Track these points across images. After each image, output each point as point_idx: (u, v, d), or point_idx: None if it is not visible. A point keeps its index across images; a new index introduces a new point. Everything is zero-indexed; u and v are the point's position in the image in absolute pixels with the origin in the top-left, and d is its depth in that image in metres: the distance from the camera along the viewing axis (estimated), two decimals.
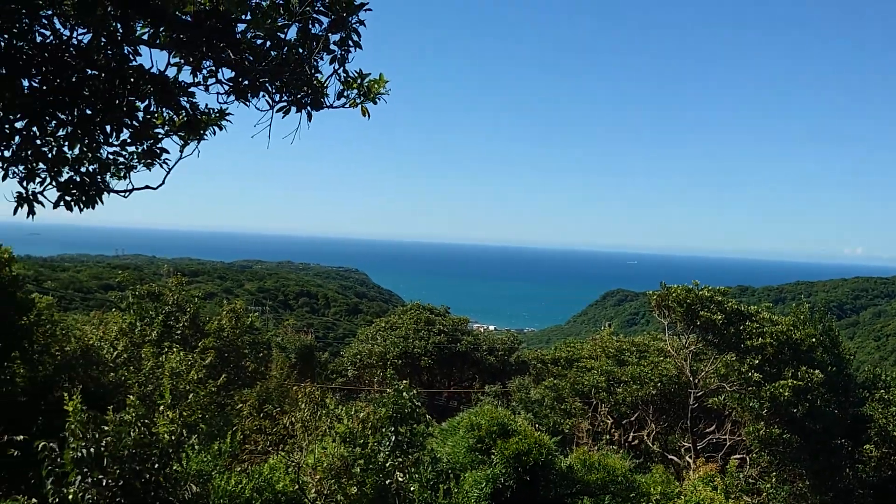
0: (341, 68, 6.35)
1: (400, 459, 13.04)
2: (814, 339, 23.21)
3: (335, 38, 6.17)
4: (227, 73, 6.37)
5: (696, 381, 24.38)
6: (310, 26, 6.06)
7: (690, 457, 24.43)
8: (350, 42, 6.20)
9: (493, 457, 15.75)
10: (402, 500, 13.11)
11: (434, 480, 14.60)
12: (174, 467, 10.33)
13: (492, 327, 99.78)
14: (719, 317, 23.00)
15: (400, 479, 12.97)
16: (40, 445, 9.59)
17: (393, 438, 13.06)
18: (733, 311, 23.68)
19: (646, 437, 27.09)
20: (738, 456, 23.41)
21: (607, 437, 27.27)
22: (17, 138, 6.27)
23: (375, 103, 6.51)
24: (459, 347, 39.43)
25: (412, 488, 13.55)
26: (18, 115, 6.12)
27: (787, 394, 21.08)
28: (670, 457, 25.93)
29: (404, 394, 13.34)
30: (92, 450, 9.40)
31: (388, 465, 12.81)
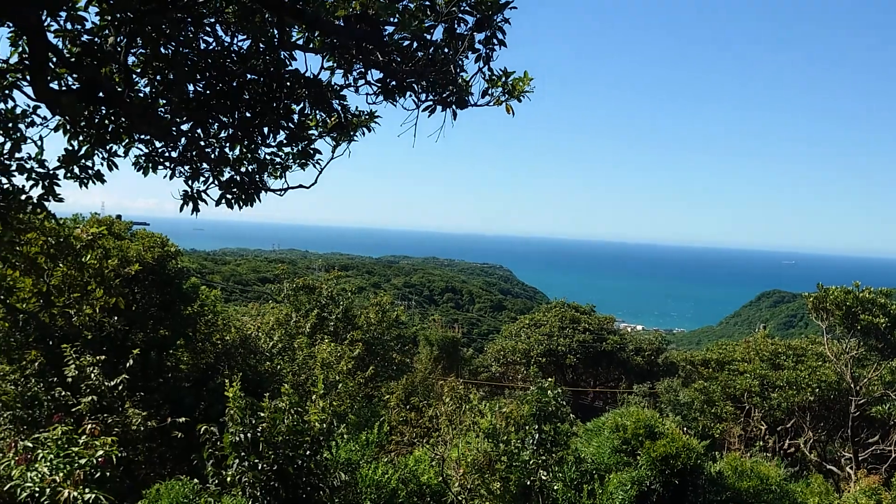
0: (486, 66, 6.38)
1: (543, 458, 13.01)
2: None
3: (480, 36, 6.21)
4: (375, 75, 6.54)
5: (858, 387, 23.08)
6: (455, 26, 6.12)
7: (851, 468, 23.15)
8: (495, 40, 6.22)
9: (638, 459, 15.41)
10: (546, 498, 13.08)
11: (578, 480, 14.46)
12: (324, 455, 10.70)
13: (639, 327, 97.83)
14: (882, 320, 21.71)
15: (543, 477, 12.95)
16: (202, 429, 10.17)
17: (536, 436, 13.04)
18: None
19: (802, 446, 25.89)
20: None
21: (760, 443, 26.25)
22: (183, 140, 6.69)
23: (520, 101, 6.49)
24: (605, 346, 38.87)
25: (556, 487, 13.49)
26: (184, 118, 6.52)
27: None
28: (829, 467, 24.70)
29: (549, 392, 13.29)
30: (249, 435, 9.88)
31: (531, 462, 12.82)
